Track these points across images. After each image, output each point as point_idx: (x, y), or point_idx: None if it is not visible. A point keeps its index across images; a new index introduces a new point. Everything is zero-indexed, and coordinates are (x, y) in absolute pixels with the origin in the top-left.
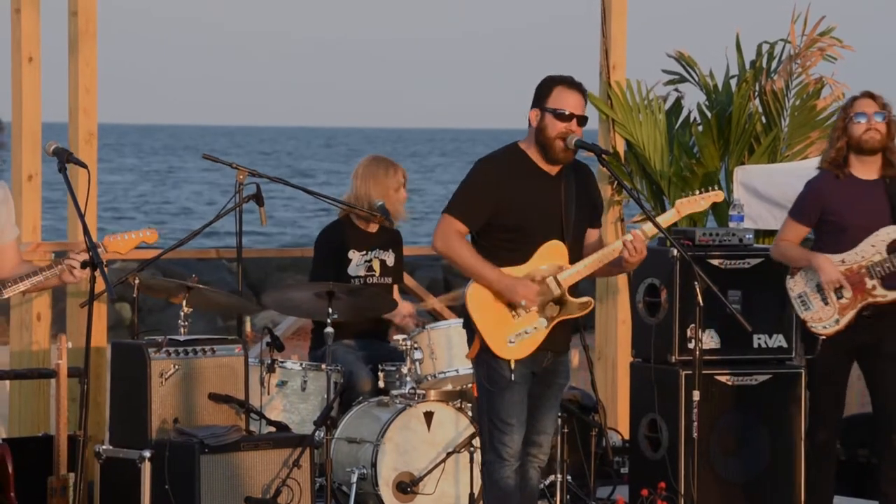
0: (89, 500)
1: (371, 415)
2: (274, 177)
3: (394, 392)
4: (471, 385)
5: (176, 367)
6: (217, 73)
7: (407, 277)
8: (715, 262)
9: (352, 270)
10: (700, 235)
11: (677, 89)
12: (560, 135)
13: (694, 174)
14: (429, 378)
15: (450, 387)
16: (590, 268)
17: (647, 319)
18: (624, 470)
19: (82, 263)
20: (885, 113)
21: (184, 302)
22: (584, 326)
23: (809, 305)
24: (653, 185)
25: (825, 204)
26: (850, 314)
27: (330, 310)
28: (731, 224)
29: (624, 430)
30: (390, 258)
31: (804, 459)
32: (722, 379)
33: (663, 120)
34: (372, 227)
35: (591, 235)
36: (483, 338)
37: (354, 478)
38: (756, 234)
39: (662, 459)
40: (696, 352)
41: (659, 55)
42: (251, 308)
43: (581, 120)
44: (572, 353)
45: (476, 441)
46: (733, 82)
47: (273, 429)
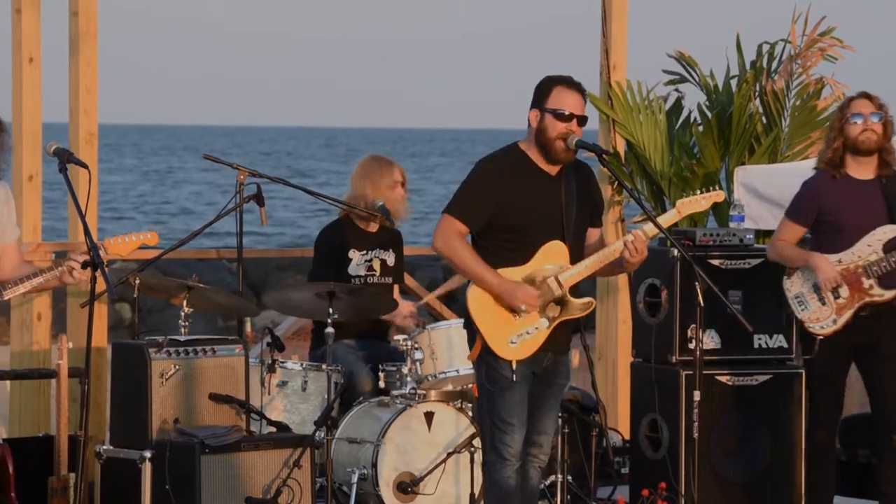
0: (90, 501)
1: (371, 415)
2: (274, 177)
3: (394, 392)
4: (471, 385)
5: (176, 368)
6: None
7: (407, 277)
8: (715, 263)
9: (352, 270)
10: (700, 236)
11: (678, 89)
12: (560, 135)
13: (694, 174)
14: (429, 378)
15: (450, 387)
16: (591, 268)
17: (648, 319)
18: (624, 470)
19: (83, 263)
20: (882, 113)
21: (184, 302)
22: (585, 326)
23: (807, 306)
24: (653, 186)
25: (822, 204)
26: (848, 314)
27: (330, 310)
28: (732, 224)
29: (624, 431)
30: (391, 258)
31: (804, 459)
32: (722, 379)
33: (664, 120)
34: (372, 227)
35: (593, 235)
36: (484, 338)
37: (355, 478)
38: (756, 235)
39: (663, 459)
40: (697, 352)
41: (659, 55)
42: (251, 310)
43: (581, 120)
44: (573, 353)
45: (476, 441)
46: (734, 82)
47: (273, 429)
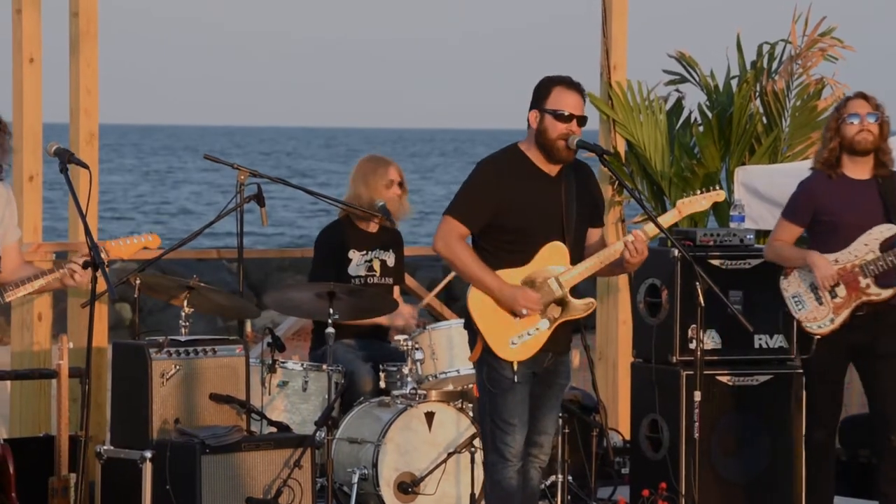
0: (90, 501)
1: (372, 415)
2: (275, 177)
3: (395, 392)
4: (472, 385)
5: (177, 368)
6: (217, 73)
7: (408, 278)
8: (716, 263)
9: (352, 270)
10: (701, 236)
11: (678, 90)
12: (561, 136)
13: (695, 175)
14: (430, 378)
15: (451, 387)
16: (591, 269)
17: (648, 320)
18: (625, 470)
19: (83, 264)
20: (878, 114)
21: (185, 303)
22: (585, 327)
23: (804, 305)
24: (653, 186)
25: (818, 204)
26: (845, 313)
27: (331, 310)
28: (732, 224)
29: (625, 431)
30: (391, 258)
31: (804, 460)
32: (723, 379)
33: (664, 120)
34: (372, 228)
35: (593, 235)
36: (485, 340)
37: (355, 478)
38: (757, 235)
39: (663, 460)
40: (698, 352)
41: (660, 55)
42: (252, 311)
43: (581, 120)
44: (573, 354)
45: (477, 441)
46: (734, 83)
47: (274, 429)
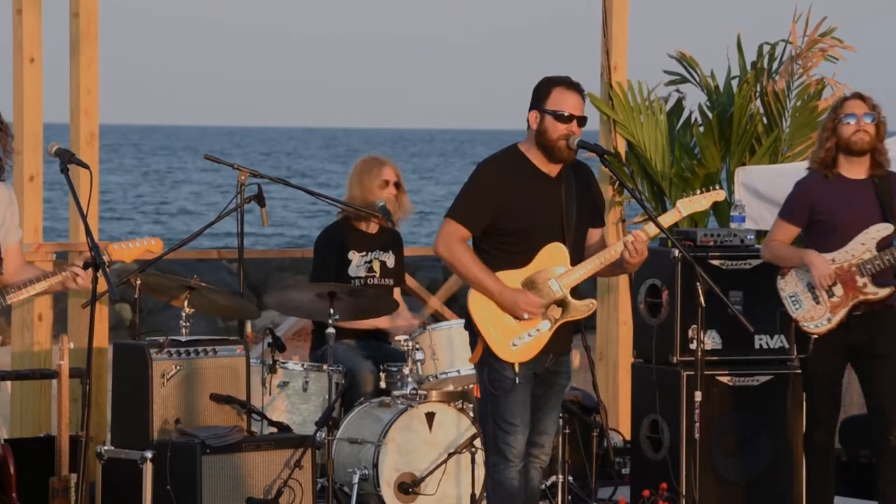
0: (91, 501)
1: (372, 415)
2: (275, 177)
3: (395, 393)
4: (472, 386)
5: (177, 368)
6: (217, 73)
7: (409, 278)
8: (716, 263)
9: (352, 271)
10: (701, 236)
11: (678, 90)
12: (562, 136)
13: (695, 175)
14: (430, 379)
15: (451, 387)
16: (591, 270)
17: (649, 320)
18: (625, 471)
19: (84, 264)
20: (875, 114)
21: (185, 303)
22: (586, 327)
23: (801, 305)
24: (654, 186)
25: (814, 204)
26: (842, 312)
27: (332, 310)
28: (733, 225)
29: (625, 431)
30: (390, 259)
31: (804, 460)
32: (723, 380)
33: (664, 121)
34: (372, 229)
35: (594, 235)
36: (486, 341)
37: (356, 478)
38: (757, 235)
39: (664, 460)
40: (698, 352)
41: (660, 56)
42: (252, 311)
43: (581, 120)
44: (573, 354)
45: (477, 442)
46: (734, 83)
47: (275, 429)
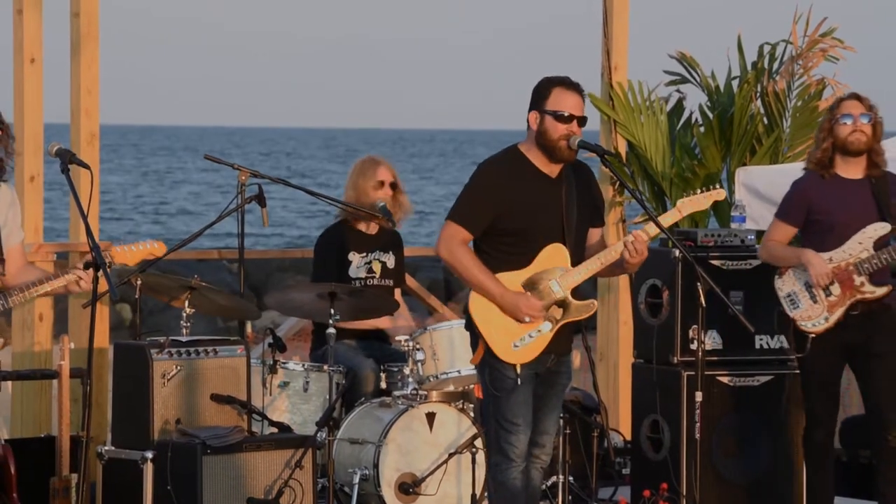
0: (91, 501)
1: (373, 415)
2: (276, 177)
3: (396, 393)
4: (473, 386)
5: (178, 368)
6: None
7: (409, 279)
8: (717, 263)
9: (352, 272)
10: (702, 236)
11: (679, 90)
12: (562, 136)
13: (696, 175)
14: (431, 379)
15: (452, 388)
16: (592, 270)
17: (649, 320)
18: (626, 471)
19: (85, 264)
20: (871, 115)
21: (185, 303)
22: (586, 327)
23: (798, 304)
24: (654, 187)
25: (811, 204)
26: (839, 311)
27: (332, 311)
28: (733, 225)
29: (626, 431)
30: (391, 260)
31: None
32: (723, 380)
33: (665, 121)
34: (372, 229)
35: (594, 235)
36: (487, 343)
37: (356, 479)
38: (758, 236)
39: (664, 460)
40: (699, 353)
41: (660, 56)
42: (253, 312)
43: (581, 120)
44: (574, 354)
45: (478, 442)
46: (735, 83)
47: (275, 430)
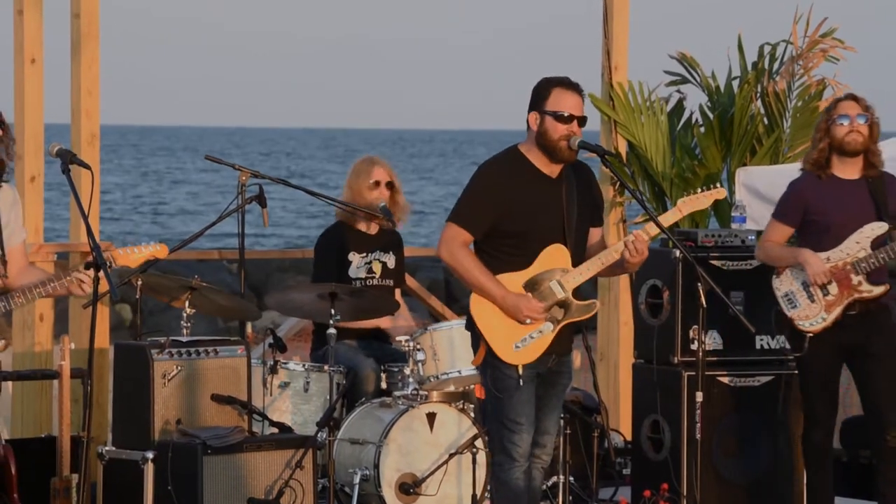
0: (92, 501)
1: (374, 416)
2: (276, 178)
3: (396, 393)
4: (473, 386)
5: (179, 369)
6: (217, 73)
7: (409, 279)
8: (717, 264)
9: (352, 273)
10: (702, 237)
11: (679, 90)
12: (562, 137)
13: (696, 175)
14: (431, 379)
15: (452, 388)
16: (593, 270)
17: (650, 320)
18: (626, 471)
19: (85, 264)
20: (868, 115)
21: (186, 303)
22: (587, 327)
23: (796, 303)
24: (655, 187)
25: (808, 204)
26: (837, 311)
27: (333, 311)
28: (734, 225)
29: (626, 432)
30: (391, 260)
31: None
32: (724, 380)
33: (665, 121)
34: (372, 230)
35: (594, 235)
36: (489, 344)
37: (357, 479)
38: (758, 236)
39: (665, 460)
40: (700, 353)
41: (661, 56)
42: (253, 312)
43: (581, 121)
44: (574, 354)
45: (479, 442)
46: (735, 83)
47: (276, 430)
